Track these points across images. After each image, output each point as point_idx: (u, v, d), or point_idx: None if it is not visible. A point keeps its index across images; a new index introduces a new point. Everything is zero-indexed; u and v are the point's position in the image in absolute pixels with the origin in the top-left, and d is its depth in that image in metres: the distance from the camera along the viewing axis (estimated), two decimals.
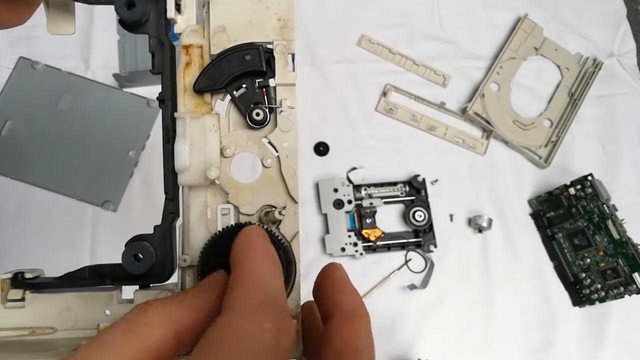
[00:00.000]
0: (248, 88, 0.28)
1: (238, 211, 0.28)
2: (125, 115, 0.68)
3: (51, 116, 0.67)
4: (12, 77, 0.67)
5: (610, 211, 0.66)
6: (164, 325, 0.20)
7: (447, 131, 0.76)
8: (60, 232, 0.66)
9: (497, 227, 0.72)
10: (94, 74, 0.70)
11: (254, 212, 0.28)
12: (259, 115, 0.27)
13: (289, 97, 0.28)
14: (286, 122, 0.28)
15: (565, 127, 0.77)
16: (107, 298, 0.27)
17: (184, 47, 0.27)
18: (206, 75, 0.27)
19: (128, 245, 0.27)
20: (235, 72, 0.27)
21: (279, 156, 0.28)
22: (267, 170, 0.28)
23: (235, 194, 0.27)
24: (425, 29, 0.80)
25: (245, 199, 0.28)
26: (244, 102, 0.28)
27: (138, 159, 0.68)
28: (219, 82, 0.27)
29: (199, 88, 0.27)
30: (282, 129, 0.28)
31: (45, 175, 0.66)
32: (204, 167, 0.26)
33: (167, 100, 0.28)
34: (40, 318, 0.27)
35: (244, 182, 0.28)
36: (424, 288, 0.68)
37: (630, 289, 0.65)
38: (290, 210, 0.28)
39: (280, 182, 0.28)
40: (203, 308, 0.21)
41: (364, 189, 0.70)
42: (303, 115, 0.73)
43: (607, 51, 0.83)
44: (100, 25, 0.72)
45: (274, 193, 0.28)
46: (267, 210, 0.28)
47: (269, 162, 0.28)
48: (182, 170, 0.26)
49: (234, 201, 0.27)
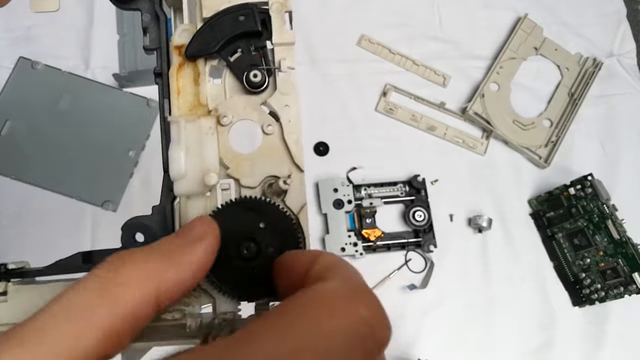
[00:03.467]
0: (243, 51, 0.26)
1: (239, 184, 0.25)
2: (125, 115, 0.68)
3: (51, 116, 0.67)
4: (12, 77, 0.67)
5: (610, 211, 0.66)
6: (143, 284, 0.17)
7: (447, 131, 0.76)
8: (60, 232, 0.66)
9: (497, 227, 0.72)
10: (94, 74, 0.70)
11: (256, 184, 0.25)
12: (257, 77, 0.25)
13: (288, 57, 0.26)
14: (286, 84, 0.26)
15: (565, 127, 0.77)
16: None
17: (176, 48, 0.26)
18: (198, 40, 0.25)
19: (126, 226, 0.25)
20: (229, 34, 0.25)
21: (280, 122, 0.26)
22: (268, 138, 0.26)
23: (235, 166, 0.25)
24: (425, 29, 0.80)
25: (246, 171, 0.25)
26: (240, 67, 0.26)
27: (138, 159, 0.68)
28: (212, 46, 0.25)
29: (191, 53, 0.25)
30: (282, 92, 0.26)
31: (45, 175, 0.66)
32: (201, 174, 0.24)
33: (164, 73, 0.26)
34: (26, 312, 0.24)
35: (243, 152, 0.26)
36: (424, 288, 0.68)
37: (630, 289, 0.65)
38: (296, 179, 0.25)
39: (284, 149, 0.26)
40: (189, 265, 0.18)
41: (364, 189, 0.70)
42: (303, 115, 0.73)
43: (607, 51, 0.83)
44: (100, 25, 0.72)
45: (277, 162, 0.25)
46: (271, 181, 0.25)
47: (269, 128, 0.26)
48: (178, 178, 0.24)
49: (234, 174, 0.25)
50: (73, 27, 0.72)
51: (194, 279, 0.18)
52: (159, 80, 0.26)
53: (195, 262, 0.18)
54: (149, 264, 0.17)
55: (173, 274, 0.18)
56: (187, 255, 0.18)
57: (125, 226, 0.25)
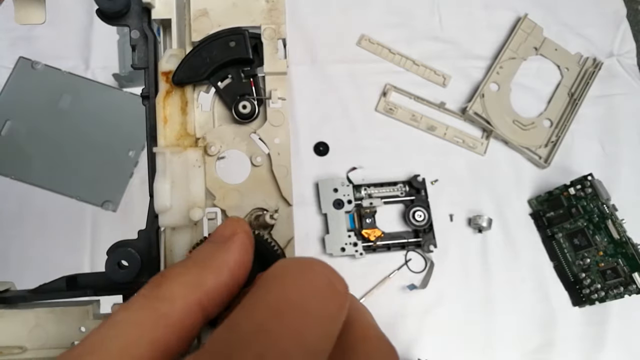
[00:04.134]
0: (234, 78, 0.25)
1: (225, 215, 0.25)
2: (125, 115, 0.68)
3: (51, 116, 0.67)
4: (12, 77, 0.67)
5: (610, 211, 0.66)
6: (184, 294, 0.17)
7: (447, 131, 0.76)
8: (60, 232, 0.66)
9: (497, 227, 0.72)
10: (93, 74, 0.70)
11: (242, 216, 0.25)
12: (246, 108, 0.25)
13: (280, 87, 0.25)
14: (277, 116, 0.25)
15: (565, 127, 0.77)
16: (81, 313, 0.25)
17: (164, 74, 0.24)
18: (187, 65, 0.24)
19: (111, 251, 0.24)
20: (219, 60, 0.24)
21: (269, 154, 0.25)
22: (257, 170, 0.25)
23: (222, 196, 0.24)
24: (425, 29, 0.80)
25: (233, 202, 0.25)
26: (230, 94, 0.25)
27: (138, 159, 0.68)
28: (201, 73, 0.24)
29: (179, 80, 0.24)
30: (273, 123, 0.25)
31: (45, 175, 0.66)
32: (186, 207, 0.23)
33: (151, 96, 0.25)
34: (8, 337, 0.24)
35: (231, 183, 0.25)
36: (424, 288, 0.68)
37: (630, 289, 0.65)
38: (283, 213, 0.25)
39: (272, 182, 0.25)
40: (225, 266, 0.18)
41: (364, 189, 0.70)
42: (303, 116, 0.73)
43: (607, 51, 0.83)
44: (100, 25, 0.72)
45: (265, 195, 0.25)
46: (258, 214, 0.25)
47: (258, 160, 0.25)
48: (163, 211, 0.23)
49: (221, 204, 0.24)
50: (73, 27, 0.72)
51: (234, 278, 0.18)
52: (146, 103, 0.25)
53: (231, 261, 0.18)
54: (187, 275, 0.18)
55: (212, 278, 0.18)
56: (221, 257, 0.19)
57: (110, 251, 0.24)
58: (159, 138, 0.24)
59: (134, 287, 0.24)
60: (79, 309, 0.25)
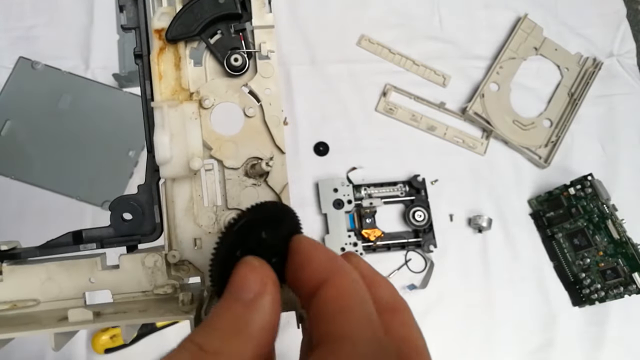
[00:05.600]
0: (224, 33, 0.26)
1: (222, 165, 0.26)
2: (125, 115, 0.68)
3: (51, 116, 0.67)
4: (12, 77, 0.67)
5: (610, 211, 0.66)
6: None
7: (447, 131, 0.76)
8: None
9: (497, 227, 0.72)
10: (93, 74, 0.70)
11: (239, 165, 0.26)
12: (237, 61, 0.26)
13: (268, 40, 0.26)
14: (267, 67, 0.26)
15: (565, 127, 0.77)
16: (90, 265, 0.26)
17: (157, 32, 0.26)
18: (178, 23, 0.25)
19: (114, 206, 0.26)
20: (209, 16, 0.25)
21: (261, 104, 0.26)
22: (250, 120, 0.26)
23: (218, 148, 0.26)
24: (425, 29, 0.80)
25: (229, 152, 0.26)
26: (221, 49, 0.26)
27: (138, 159, 0.68)
28: (192, 29, 0.25)
29: (172, 36, 0.25)
30: (263, 75, 0.26)
31: (45, 175, 0.66)
32: (186, 158, 0.25)
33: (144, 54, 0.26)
34: (21, 291, 0.26)
35: (226, 134, 0.26)
36: (424, 288, 0.68)
37: (630, 289, 0.65)
38: (278, 161, 0.26)
39: (265, 131, 0.26)
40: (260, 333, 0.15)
41: (364, 189, 0.70)
42: (303, 115, 0.73)
43: (607, 51, 0.83)
44: (100, 25, 0.72)
45: (259, 144, 0.26)
46: (253, 162, 0.26)
47: (251, 111, 0.26)
48: (164, 162, 0.25)
49: (217, 155, 0.26)
50: (73, 27, 0.72)
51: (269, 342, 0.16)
52: (139, 62, 0.26)
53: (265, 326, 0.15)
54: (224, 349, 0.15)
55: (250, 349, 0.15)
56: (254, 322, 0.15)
57: (112, 205, 0.26)
58: (155, 94, 0.26)
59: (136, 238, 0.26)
60: (87, 262, 0.26)
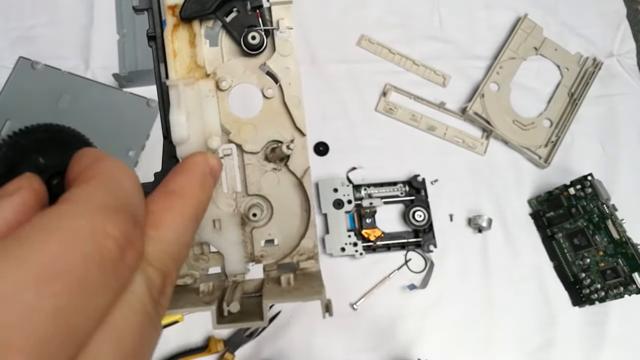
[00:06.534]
0: (240, 11, 0.25)
1: (241, 150, 0.25)
2: (125, 115, 0.68)
3: (51, 116, 0.67)
4: (12, 77, 0.67)
5: (610, 211, 0.66)
6: None
7: (447, 131, 0.76)
8: None
9: (497, 227, 0.72)
10: (93, 74, 0.70)
11: (259, 149, 0.25)
12: (255, 39, 0.24)
13: (286, 16, 0.25)
14: (285, 45, 0.25)
15: (565, 127, 0.77)
16: None
17: (170, 8, 0.25)
18: (193, 0, 0.24)
19: None
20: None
21: (280, 84, 0.25)
22: (269, 102, 0.25)
23: (236, 131, 0.25)
24: (425, 29, 0.80)
25: (248, 136, 0.25)
26: (237, 27, 0.25)
27: (138, 159, 0.68)
28: (207, 7, 0.24)
29: (186, 15, 0.24)
30: (282, 53, 0.25)
31: None
32: (203, 137, 0.24)
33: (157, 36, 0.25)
34: None
35: (244, 117, 0.25)
36: (424, 288, 0.68)
37: (630, 289, 0.65)
38: (299, 143, 0.25)
39: (285, 113, 0.25)
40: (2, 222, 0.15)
41: (364, 189, 0.70)
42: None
43: (607, 51, 0.83)
44: (100, 25, 0.72)
45: (279, 126, 0.25)
46: (274, 146, 0.25)
47: (270, 92, 0.25)
48: (180, 142, 0.24)
49: (236, 139, 0.25)
50: (73, 27, 0.72)
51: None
52: (153, 44, 0.25)
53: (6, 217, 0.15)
54: None
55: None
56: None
57: None
58: (170, 72, 0.24)
59: None
60: None
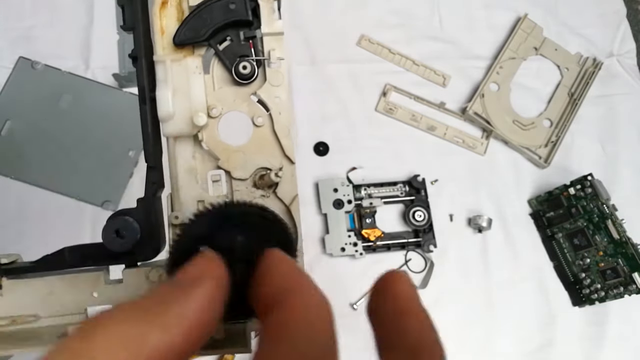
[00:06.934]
0: (233, 40, 0.25)
1: (230, 176, 0.25)
2: (125, 115, 0.68)
3: (51, 116, 0.67)
4: (12, 77, 0.67)
5: (610, 211, 0.66)
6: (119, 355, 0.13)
7: (447, 131, 0.76)
8: (60, 232, 0.66)
9: (497, 227, 0.72)
10: (93, 74, 0.70)
11: (247, 176, 0.25)
12: (246, 69, 0.25)
13: (278, 47, 0.26)
14: (276, 75, 0.25)
15: (565, 127, 0.77)
16: (93, 279, 0.25)
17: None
18: (187, 27, 0.24)
19: (109, 220, 0.24)
20: (219, 22, 0.25)
21: (270, 113, 0.25)
22: (259, 130, 0.26)
23: (226, 158, 0.25)
24: (425, 29, 0.80)
25: (237, 163, 0.25)
26: (229, 56, 0.25)
27: (138, 159, 0.68)
28: (201, 34, 0.24)
29: (180, 41, 0.24)
30: (272, 83, 0.25)
31: (45, 175, 0.66)
32: (189, 114, 0.24)
33: (140, 57, 0.25)
34: (21, 306, 0.25)
35: (234, 144, 0.25)
36: (424, 288, 0.68)
37: (630, 289, 0.65)
38: (287, 171, 0.25)
39: (274, 141, 0.26)
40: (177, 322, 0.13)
41: (364, 189, 0.70)
42: (303, 116, 0.73)
43: (607, 51, 0.83)
44: (100, 25, 0.72)
45: (268, 154, 0.25)
46: (262, 173, 0.25)
47: (260, 120, 0.25)
48: (166, 118, 0.24)
49: (225, 166, 0.25)
50: (73, 27, 0.72)
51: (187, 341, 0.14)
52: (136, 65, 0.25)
53: (187, 317, 0.14)
54: (126, 327, 0.13)
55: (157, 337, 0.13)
56: (175, 310, 0.14)
57: (108, 221, 0.24)
58: (157, 48, 0.25)
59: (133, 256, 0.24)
60: (90, 275, 0.25)
